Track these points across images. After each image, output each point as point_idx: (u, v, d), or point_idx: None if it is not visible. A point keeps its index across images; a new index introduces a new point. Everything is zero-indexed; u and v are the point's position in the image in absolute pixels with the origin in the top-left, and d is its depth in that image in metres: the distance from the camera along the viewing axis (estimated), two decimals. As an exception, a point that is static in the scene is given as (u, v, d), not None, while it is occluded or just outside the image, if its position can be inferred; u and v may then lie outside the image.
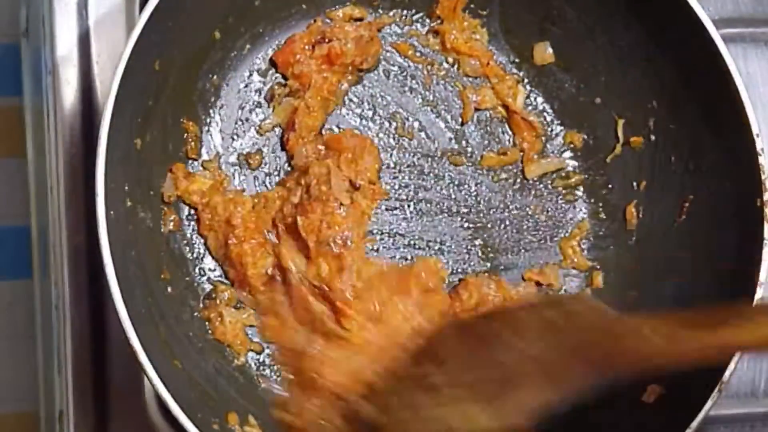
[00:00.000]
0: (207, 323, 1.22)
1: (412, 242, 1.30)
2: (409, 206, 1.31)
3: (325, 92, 1.27)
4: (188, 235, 1.24)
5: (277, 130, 1.29)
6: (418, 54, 1.33)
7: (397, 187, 1.31)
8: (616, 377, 1.02)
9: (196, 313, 1.22)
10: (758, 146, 1.19)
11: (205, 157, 1.26)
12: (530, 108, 1.34)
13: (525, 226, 1.33)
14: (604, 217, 1.33)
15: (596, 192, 1.34)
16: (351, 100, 1.31)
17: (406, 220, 1.31)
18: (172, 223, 1.22)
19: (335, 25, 1.28)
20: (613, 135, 1.32)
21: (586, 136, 1.34)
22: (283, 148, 1.28)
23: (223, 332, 1.22)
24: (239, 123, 1.28)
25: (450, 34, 1.32)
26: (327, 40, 1.27)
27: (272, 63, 1.29)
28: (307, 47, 1.27)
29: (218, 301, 1.23)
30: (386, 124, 1.32)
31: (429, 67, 1.33)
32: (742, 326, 0.96)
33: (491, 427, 1.02)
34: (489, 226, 1.32)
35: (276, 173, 1.28)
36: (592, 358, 1.01)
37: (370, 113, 1.32)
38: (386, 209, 1.30)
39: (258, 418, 1.21)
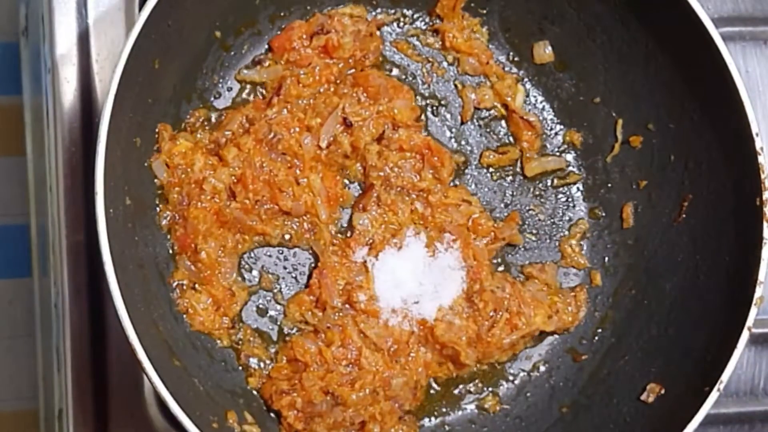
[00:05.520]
0: (185, 317, 1.22)
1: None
2: (408, 205, 1.31)
3: (322, 78, 1.27)
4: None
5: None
6: (417, 53, 1.33)
7: (396, 185, 1.32)
8: None
9: (175, 309, 1.22)
10: (757, 145, 1.19)
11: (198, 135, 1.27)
12: (530, 107, 1.34)
13: (524, 225, 1.33)
14: (604, 216, 1.33)
15: (595, 191, 1.34)
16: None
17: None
18: (168, 219, 1.23)
19: (334, 18, 1.28)
20: (613, 134, 1.32)
21: (585, 135, 1.34)
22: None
23: (201, 322, 1.22)
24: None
25: (450, 33, 1.32)
26: (325, 32, 1.27)
27: (269, 48, 1.29)
28: (305, 37, 1.27)
29: (184, 288, 1.22)
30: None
31: (429, 66, 1.33)
32: None
33: None
34: (488, 224, 1.33)
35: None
36: None
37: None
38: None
39: (256, 417, 1.21)
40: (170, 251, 1.23)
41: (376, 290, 1.25)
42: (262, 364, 1.24)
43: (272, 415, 1.23)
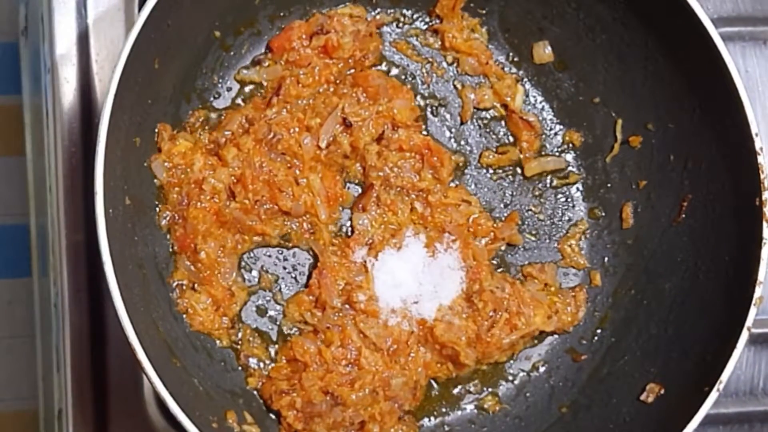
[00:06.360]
0: (184, 317, 1.22)
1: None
2: (408, 205, 1.31)
3: (321, 78, 1.27)
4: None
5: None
6: (417, 53, 1.33)
7: (396, 185, 1.32)
8: None
9: (174, 309, 1.22)
10: (757, 145, 1.19)
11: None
12: (529, 107, 1.34)
13: (524, 226, 1.33)
14: (603, 216, 1.33)
15: (595, 191, 1.34)
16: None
17: (405, 218, 1.31)
18: (168, 219, 1.23)
19: (334, 18, 1.28)
20: (612, 134, 1.32)
21: (584, 135, 1.34)
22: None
23: (201, 322, 1.23)
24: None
25: (449, 33, 1.32)
26: (325, 32, 1.27)
27: (268, 48, 1.29)
28: (304, 37, 1.27)
29: (183, 288, 1.22)
30: (385, 122, 1.32)
31: (428, 66, 1.33)
32: None
33: None
34: (488, 225, 1.33)
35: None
36: None
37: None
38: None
39: (255, 417, 1.21)
40: (170, 251, 1.23)
41: (375, 290, 1.25)
42: (261, 364, 1.24)
43: (272, 415, 1.23)
